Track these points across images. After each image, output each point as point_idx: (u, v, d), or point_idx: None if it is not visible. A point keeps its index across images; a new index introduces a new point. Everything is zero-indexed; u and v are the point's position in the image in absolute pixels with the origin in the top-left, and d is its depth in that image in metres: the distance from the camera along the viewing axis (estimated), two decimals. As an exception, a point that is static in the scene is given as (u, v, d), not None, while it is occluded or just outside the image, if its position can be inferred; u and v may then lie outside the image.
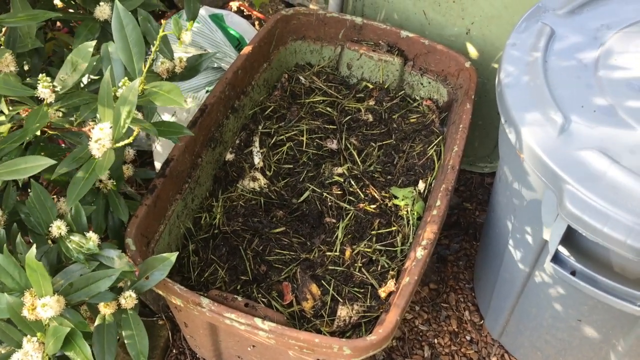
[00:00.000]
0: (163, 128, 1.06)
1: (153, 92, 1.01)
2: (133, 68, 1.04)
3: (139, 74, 1.04)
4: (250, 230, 1.40)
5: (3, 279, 0.92)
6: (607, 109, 1.14)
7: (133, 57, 1.04)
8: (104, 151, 0.94)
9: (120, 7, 1.04)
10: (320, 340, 1.07)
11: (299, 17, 1.66)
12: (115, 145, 0.94)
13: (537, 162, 1.10)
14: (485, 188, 1.90)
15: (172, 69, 1.17)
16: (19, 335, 0.92)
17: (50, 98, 0.99)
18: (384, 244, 1.38)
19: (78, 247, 0.99)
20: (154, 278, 1.04)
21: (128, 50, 1.04)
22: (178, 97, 0.99)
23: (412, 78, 1.65)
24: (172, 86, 1.01)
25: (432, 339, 1.61)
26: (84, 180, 0.93)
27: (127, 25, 1.04)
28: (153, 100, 1.00)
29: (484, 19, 1.58)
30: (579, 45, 1.25)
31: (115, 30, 1.03)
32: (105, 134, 0.93)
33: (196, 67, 1.21)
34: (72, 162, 0.96)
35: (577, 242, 1.12)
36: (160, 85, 1.02)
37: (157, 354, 1.52)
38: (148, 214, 1.24)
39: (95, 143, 0.93)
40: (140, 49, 1.04)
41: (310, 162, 1.53)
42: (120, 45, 1.03)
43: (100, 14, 1.19)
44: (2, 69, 1.02)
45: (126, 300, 1.01)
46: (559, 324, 1.34)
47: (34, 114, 0.97)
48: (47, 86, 0.98)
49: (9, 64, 1.02)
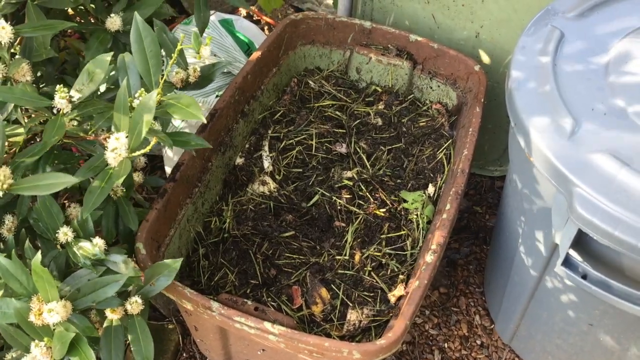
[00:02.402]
0: (178, 138, 1.07)
1: (170, 104, 1.01)
2: (150, 80, 1.04)
3: (156, 85, 1.04)
4: (259, 234, 1.40)
5: (11, 284, 0.92)
6: (618, 112, 1.13)
7: (150, 69, 1.04)
8: (120, 160, 0.94)
9: (139, 20, 1.04)
10: (330, 344, 1.07)
11: (308, 22, 1.66)
12: (131, 155, 0.95)
13: (547, 165, 1.10)
14: (495, 192, 1.90)
15: (186, 78, 1.17)
16: (27, 339, 0.92)
17: (67, 108, 0.99)
18: (394, 248, 1.38)
19: (85, 252, 1.00)
20: (160, 284, 1.04)
21: (146, 62, 1.04)
22: (197, 111, 0.99)
23: (421, 82, 1.65)
24: (191, 100, 1.01)
25: (443, 343, 1.61)
26: (100, 189, 0.93)
27: (145, 37, 1.04)
28: (171, 113, 1.00)
29: (493, 22, 1.58)
30: (589, 49, 1.24)
31: (133, 42, 1.04)
32: (122, 144, 0.93)
33: (209, 77, 1.21)
34: (87, 171, 0.96)
35: (588, 245, 1.12)
36: (178, 97, 1.02)
37: (168, 358, 1.52)
38: (158, 218, 1.25)
39: (111, 152, 0.93)
40: (157, 61, 1.04)
41: (319, 166, 1.53)
42: (138, 57, 1.04)
43: (111, 25, 1.19)
44: (19, 78, 1.02)
45: (132, 306, 1.01)
46: (570, 328, 1.33)
47: (51, 125, 0.97)
48: (64, 97, 0.98)
49: (26, 73, 1.03)
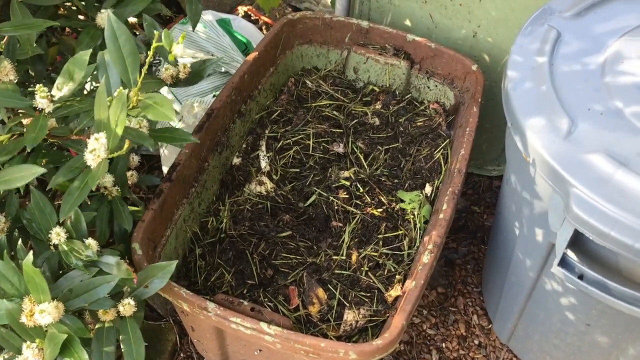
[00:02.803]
0: (168, 135, 1.05)
1: (147, 105, 0.98)
2: (128, 78, 1.01)
3: (134, 84, 1.01)
4: (256, 234, 1.40)
5: (2, 285, 0.92)
6: (615, 112, 1.13)
7: (127, 67, 1.01)
8: (99, 162, 0.92)
9: (112, 18, 1.00)
10: (327, 345, 1.07)
11: (305, 22, 1.66)
12: (110, 155, 0.92)
13: (543, 165, 1.10)
14: (493, 191, 1.89)
15: (176, 74, 1.16)
16: (19, 341, 0.92)
17: (49, 108, 0.97)
18: (391, 247, 1.37)
19: (77, 253, 0.99)
20: (154, 286, 1.04)
21: (122, 60, 1.01)
22: (169, 111, 0.96)
23: (418, 81, 1.65)
24: (163, 98, 0.98)
25: (440, 343, 1.61)
26: (79, 190, 0.92)
27: (120, 35, 1.00)
28: (146, 114, 0.98)
29: (491, 22, 1.58)
30: (586, 49, 1.24)
31: (108, 41, 1.00)
32: (101, 144, 0.91)
33: (200, 73, 1.19)
34: (68, 172, 0.95)
35: (584, 246, 1.11)
36: (154, 97, 0.99)
37: (165, 358, 1.52)
38: (155, 219, 1.25)
39: (90, 153, 0.91)
40: (134, 59, 1.01)
41: (316, 166, 1.53)
42: (114, 56, 1.00)
43: (101, 22, 1.17)
44: (1, 77, 1.00)
45: (124, 308, 1.00)
46: (568, 328, 1.33)
47: (33, 124, 0.95)
48: (45, 96, 0.96)
49: (8, 72, 1.01)
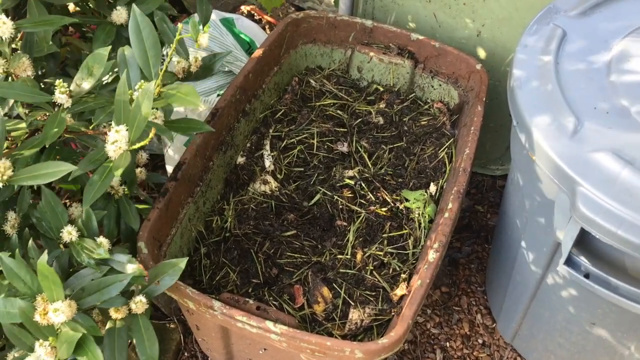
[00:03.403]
0: (183, 125, 1.07)
1: (170, 95, 1.02)
2: (150, 71, 1.05)
3: (155, 76, 1.05)
4: (261, 233, 1.40)
5: (15, 284, 0.92)
6: (621, 111, 1.13)
7: (149, 60, 1.05)
8: (120, 153, 0.95)
9: (137, 11, 1.04)
10: (332, 344, 1.07)
11: (309, 21, 1.66)
12: (131, 147, 0.95)
13: (549, 164, 1.10)
14: (497, 191, 1.89)
15: (187, 68, 1.18)
16: (31, 339, 0.92)
17: (67, 103, 1.00)
18: (396, 247, 1.37)
19: (89, 252, 1.00)
20: (164, 283, 1.04)
21: (145, 53, 1.05)
22: (195, 98, 1.00)
23: (422, 81, 1.65)
24: (189, 88, 1.02)
25: (444, 342, 1.61)
26: (100, 182, 0.94)
27: (144, 29, 1.05)
28: (170, 102, 1.02)
29: (495, 21, 1.58)
30: (591, 47, 1.24)
31: (132, 34, 1.04)
32: (122, 136, 0.94)
33: (210, 67, 1.22)
34: (88, 164, 0.97)
35: (590, 244, 1.11)
36: (178, 87, 1.03)
37: (169, 357, 1.52)
38: (160, 218, 1.25)
39: (111, 145, 0.94)
40: (156, 52, 1.05)
41: (321, 165, 1.53)
42: (137, 49, 1.04)
43: (117, 18, 1.19)
44: (20, 73, 1.03)
45: (136, 305, 1.01)
46: (573, 327, 1.33)
47: (52, 119, 0.98)
48: (64, 92, 0.99)
49: (27, 68, 1.03)
